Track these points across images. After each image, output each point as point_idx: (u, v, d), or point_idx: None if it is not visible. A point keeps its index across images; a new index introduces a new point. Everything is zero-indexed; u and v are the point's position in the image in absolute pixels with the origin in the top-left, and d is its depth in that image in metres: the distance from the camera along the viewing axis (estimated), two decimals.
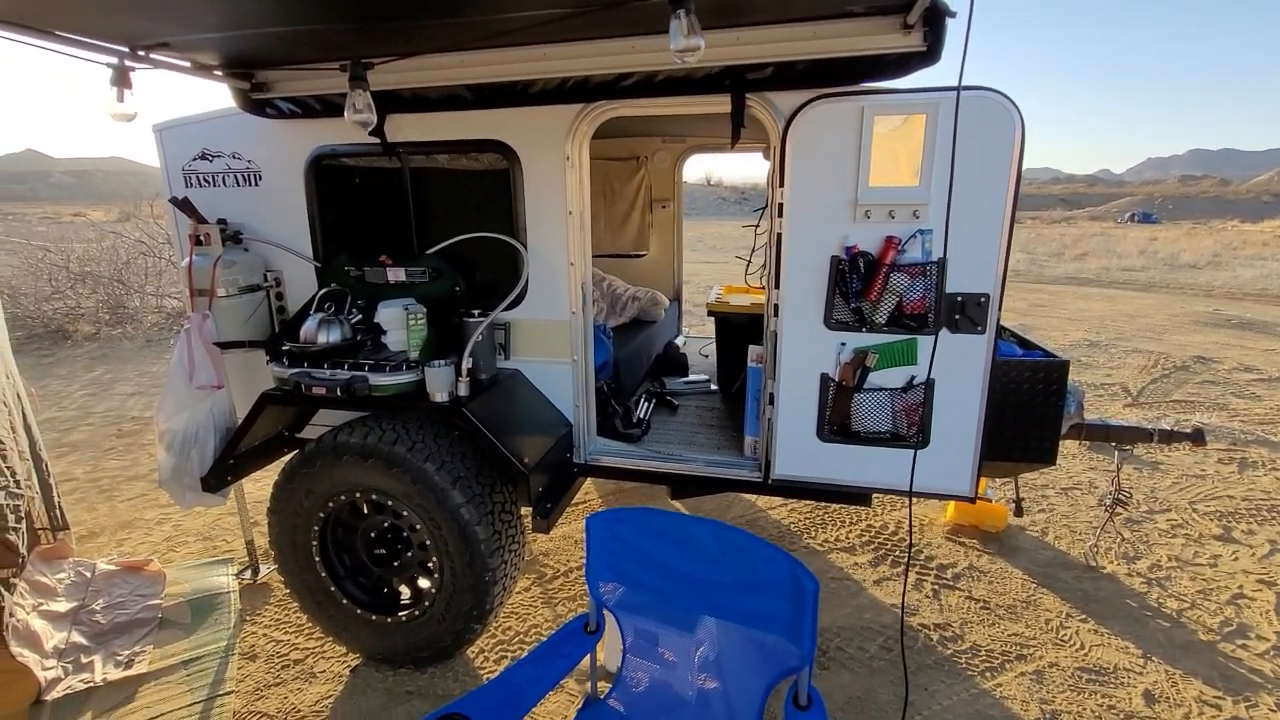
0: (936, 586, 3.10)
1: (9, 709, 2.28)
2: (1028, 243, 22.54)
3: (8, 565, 2.57)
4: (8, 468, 2.67)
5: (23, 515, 2.72)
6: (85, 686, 2.41)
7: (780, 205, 2.18)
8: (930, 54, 1.92)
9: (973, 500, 2.30)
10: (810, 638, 1.38)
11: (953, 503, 3.59)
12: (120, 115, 1.79)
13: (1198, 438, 2.91)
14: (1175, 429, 2.94)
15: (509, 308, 2.49)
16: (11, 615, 2.42)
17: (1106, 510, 3.29)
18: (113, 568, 3.04)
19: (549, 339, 2.56)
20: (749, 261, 3.79)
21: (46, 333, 8.20)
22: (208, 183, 2.75)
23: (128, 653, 2.58)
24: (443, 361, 2.28)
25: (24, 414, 2.95)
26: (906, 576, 2.38)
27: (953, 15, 1.84)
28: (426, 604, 2.41)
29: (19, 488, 2.72)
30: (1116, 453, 3.13)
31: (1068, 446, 4.63)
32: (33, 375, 6.56)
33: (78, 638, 2.60)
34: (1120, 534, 3.55)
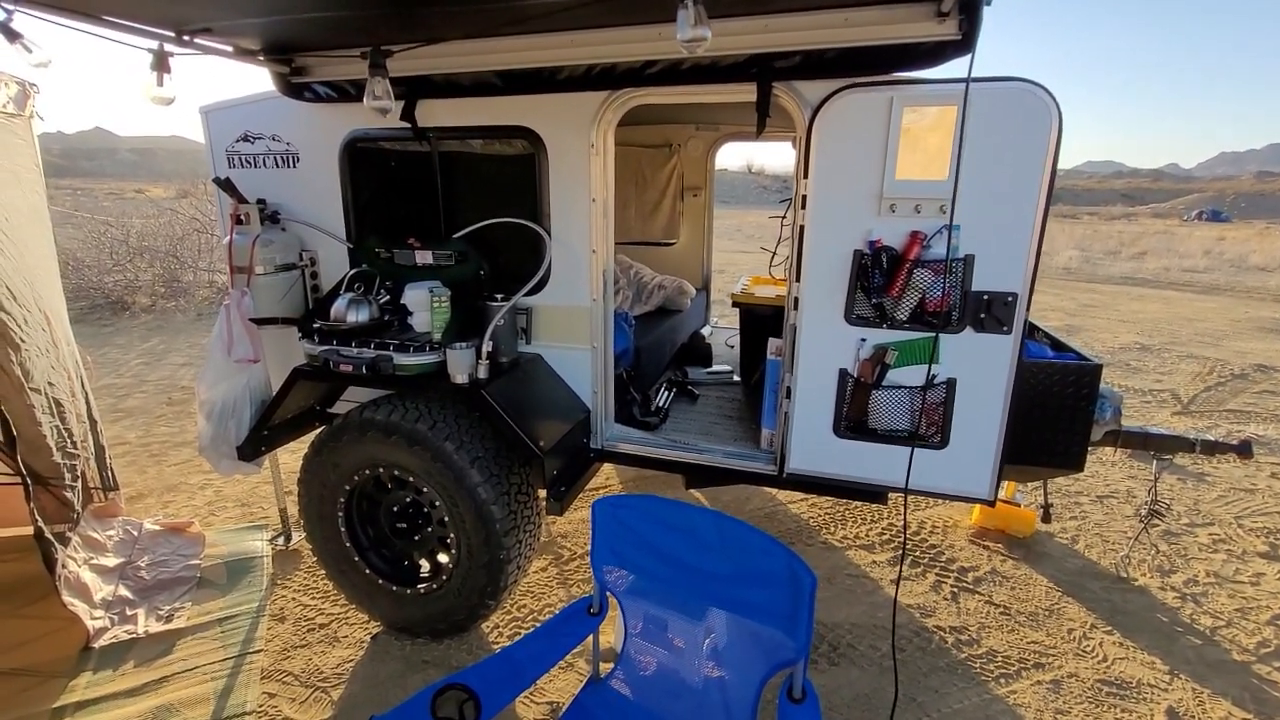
0: (956, 589, 3.05)
1: (60, 653, 2.45)
2: (1083, 239, 21.58)
3: (64, 520, 2.74)
4: (66, 429, 2.85)
5: (78, 474, 2.90)
6: (129, 637, 2.57)
7: (804, 197, 2.15)
8: (965, 42, 1.86)
9: (991, 503, 2.25)
10: (806, 632, 1.38)
11: (978, 505, 3.51)
12: (159, 99, 1.87)
13: (1244, 450, 2.78)
14: (1220, 440, 2.81)
15: (531, 293, 2.53)
16: (64, 567, 2.60)
17: (1142, 521, 3.17)
18: (157, 528, 3.22)
19: (570, 325, 2.59)
20: (774, 253, 3.75)
21: (107, 303, 8.66)
22: (249, 164, 2.86)
23: (168, 608, 2.74)
24: (464, 344, 2.33)
25: (81, 380, 3.13)
26: (901, 572, 2.35)
27: (989, 2, 1.77)
28: (444, 578, 2.49)
29: (76, 449, 2.90)
30: (1155, 462, 3.01)
31: (1106, 454, 4.46)
32: (93, 344, 6.95)
33: (123, 591, 2.78)
34: (1156, 546, 3.42)
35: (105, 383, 5.85)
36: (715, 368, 3.82)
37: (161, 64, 1.86)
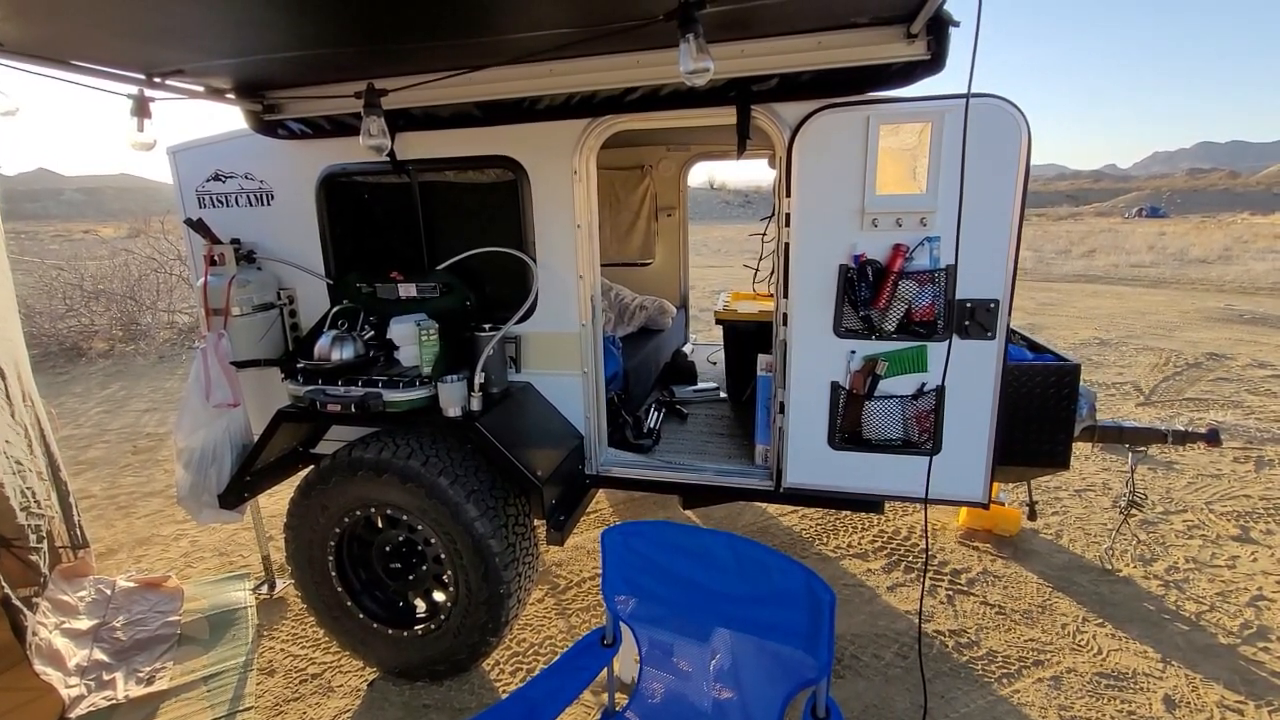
0: (951, 592, 3.09)
1: None
2: (1034, 240, 22.44)
3: (30, 584, 2.60)
4: (27, 488, 2.71)
5: (44, 535, 2.76)
6: (108, 704, 2.43)
7: (787, 215, 2.19)
8: (934, 62, 1.94)
9: (986, 506, 2.29)
10: (827, 649, 1.38)
11: (965, 507, 3.57)
12: (140, 144, 1.83)
13: (1212, 438, 2.89)
14: (1190, 429, 2.92)
15: (519, 321, 2.51)
16: (35, 634, 2.45)
17: (1121, 512, 3.27)
18: (132, 585, 3.07)
19: (560, 351, 2.57)
20: (756, 270, 3.80)
21: (61, 350, 8.30)
22: (221, 203, 2.80)
23: (149, 669, 2.61)
24: (455, 376, 2.30)
25: (43, 434, 2.99)
26: (924, 586, 2.37)
27: (956, 24, 1.85)
28: (442, 617, 2.43)
29: (39, 508, 2.76)
30: (1130, 454, 3.11)
31: (1080, 448, 4.59)
32: (49, 393, 6.64)
33: (99, 655, 2.63)
34: (1136, 536, 3.52)
35: (64, 434, 5.59)
36: (701, 385, 3.83)
37: (142, 109, 1.82)
